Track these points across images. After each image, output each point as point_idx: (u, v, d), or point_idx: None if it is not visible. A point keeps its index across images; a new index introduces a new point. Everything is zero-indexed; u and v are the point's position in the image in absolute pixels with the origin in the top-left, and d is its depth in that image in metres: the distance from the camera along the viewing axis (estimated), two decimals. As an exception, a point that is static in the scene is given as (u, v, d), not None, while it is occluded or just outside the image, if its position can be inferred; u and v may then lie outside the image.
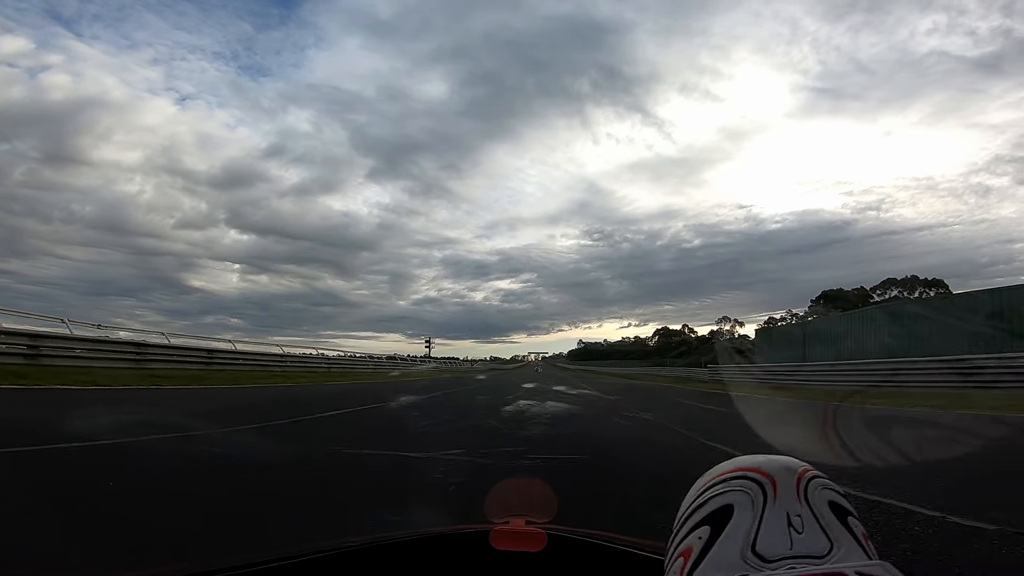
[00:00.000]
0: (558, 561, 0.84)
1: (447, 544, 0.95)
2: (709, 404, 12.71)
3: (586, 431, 7.46)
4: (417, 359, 54.11)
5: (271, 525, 2.73)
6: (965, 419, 8.31)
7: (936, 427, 7.68)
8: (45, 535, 2.34)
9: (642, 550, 0.81)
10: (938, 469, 4.38)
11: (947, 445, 5.96)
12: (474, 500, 1.75)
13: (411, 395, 13.33)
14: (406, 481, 3.86)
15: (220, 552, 2.10)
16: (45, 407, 7.37)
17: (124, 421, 5.94)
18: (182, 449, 4.65)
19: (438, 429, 7.03)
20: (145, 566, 1.28)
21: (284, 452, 4.84)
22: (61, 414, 6.40)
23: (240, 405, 9.29)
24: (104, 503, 2.94)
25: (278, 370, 21.19)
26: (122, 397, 9.24)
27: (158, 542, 2.32)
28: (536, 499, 2.45)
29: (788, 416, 9.85)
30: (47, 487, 3.22)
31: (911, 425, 7.57)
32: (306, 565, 0.83)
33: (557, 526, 0.91)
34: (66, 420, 5.73)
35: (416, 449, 5.11)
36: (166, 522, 2.63)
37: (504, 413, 9.24)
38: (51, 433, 4.77)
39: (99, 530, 2.49)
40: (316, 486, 3.68)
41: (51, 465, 3.77)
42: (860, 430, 7.29)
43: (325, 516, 2.95)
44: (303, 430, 6.68)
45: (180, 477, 3.68)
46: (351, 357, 33.99)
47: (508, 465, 4.31)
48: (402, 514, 2.97)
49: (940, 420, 8.43)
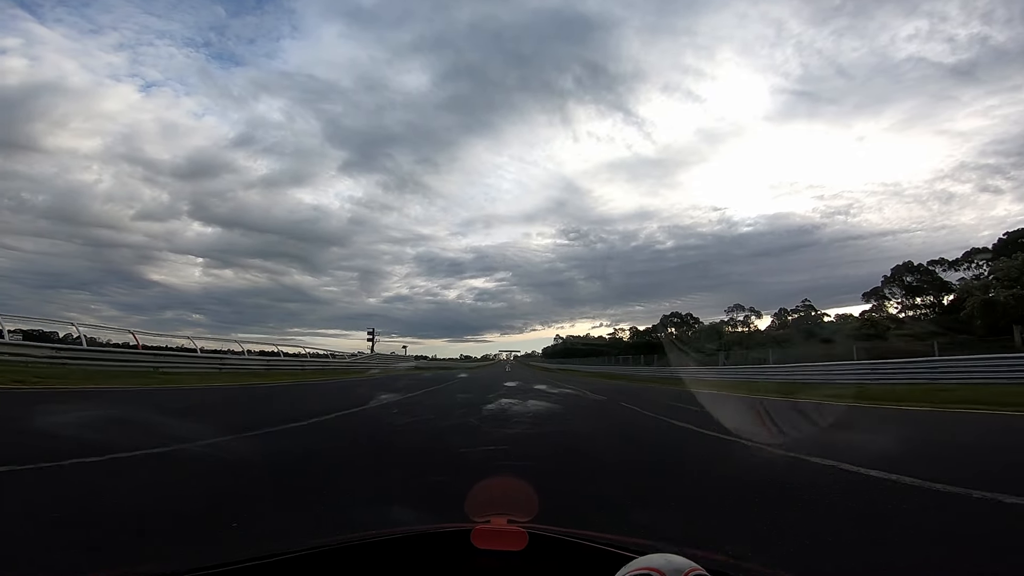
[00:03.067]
0: (540, 560, 0.84)
1: (428, 543, 0.94)
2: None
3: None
4: (357, 356, 38.93)
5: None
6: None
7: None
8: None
9: (624, 549, 0.81)
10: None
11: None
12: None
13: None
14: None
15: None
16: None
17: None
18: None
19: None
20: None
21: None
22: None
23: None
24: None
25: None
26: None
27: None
28: (518, 498, 2.45)
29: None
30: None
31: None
32: (284, 564, 0.82)
33: (539, 525, 0.91)
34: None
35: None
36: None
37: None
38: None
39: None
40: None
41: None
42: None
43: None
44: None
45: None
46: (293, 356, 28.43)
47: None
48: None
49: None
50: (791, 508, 2.95)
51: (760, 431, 6.25)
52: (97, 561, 1.98)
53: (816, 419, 8.05)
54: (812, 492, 3.26)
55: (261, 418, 6.96)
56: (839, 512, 2.91)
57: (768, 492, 3.32)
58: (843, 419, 7.89)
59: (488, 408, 9.26)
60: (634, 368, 38.48)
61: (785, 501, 3.09)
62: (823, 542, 2.41)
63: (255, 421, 6.44)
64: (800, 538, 2.43)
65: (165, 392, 10.60)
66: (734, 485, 3.62)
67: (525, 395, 13.08)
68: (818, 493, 3.24)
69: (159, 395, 9.95)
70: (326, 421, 6.84)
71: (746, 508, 2.97)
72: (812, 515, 2.84)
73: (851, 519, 2.77)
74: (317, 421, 6.71)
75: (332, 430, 6.22)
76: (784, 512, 2.88)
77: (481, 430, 6.35)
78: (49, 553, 2.05)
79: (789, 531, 2.53)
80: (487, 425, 6.78)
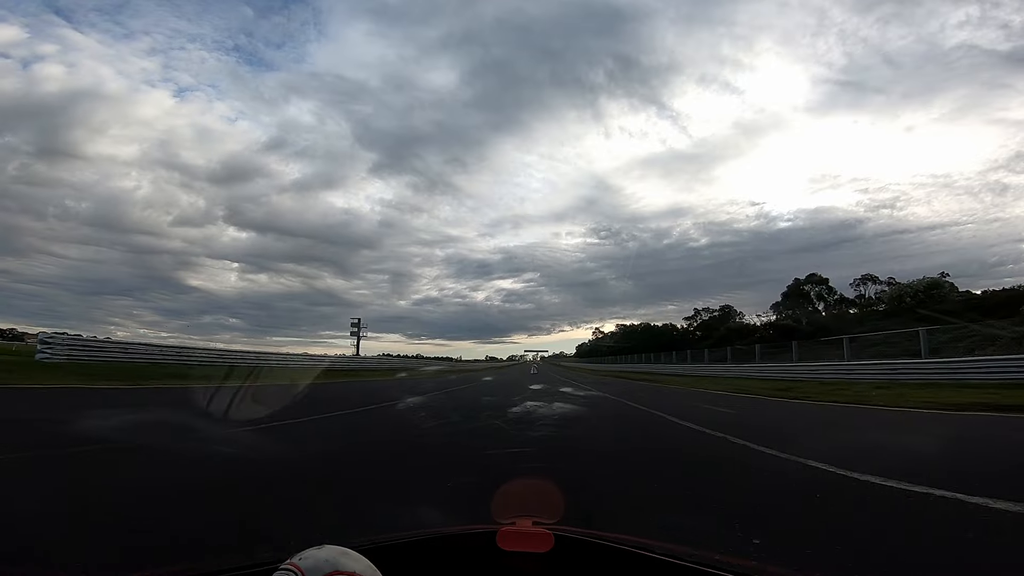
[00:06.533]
0: (565, 562, 0.84)
1: (454, 544, 0.95)
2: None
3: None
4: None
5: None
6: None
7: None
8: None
9: (650, 551, 0.80)
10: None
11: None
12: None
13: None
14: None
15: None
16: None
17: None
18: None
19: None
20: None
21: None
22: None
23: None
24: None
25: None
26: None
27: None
28: (543, 499, 2.44)
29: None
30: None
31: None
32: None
33: (564, 527, 0.91)
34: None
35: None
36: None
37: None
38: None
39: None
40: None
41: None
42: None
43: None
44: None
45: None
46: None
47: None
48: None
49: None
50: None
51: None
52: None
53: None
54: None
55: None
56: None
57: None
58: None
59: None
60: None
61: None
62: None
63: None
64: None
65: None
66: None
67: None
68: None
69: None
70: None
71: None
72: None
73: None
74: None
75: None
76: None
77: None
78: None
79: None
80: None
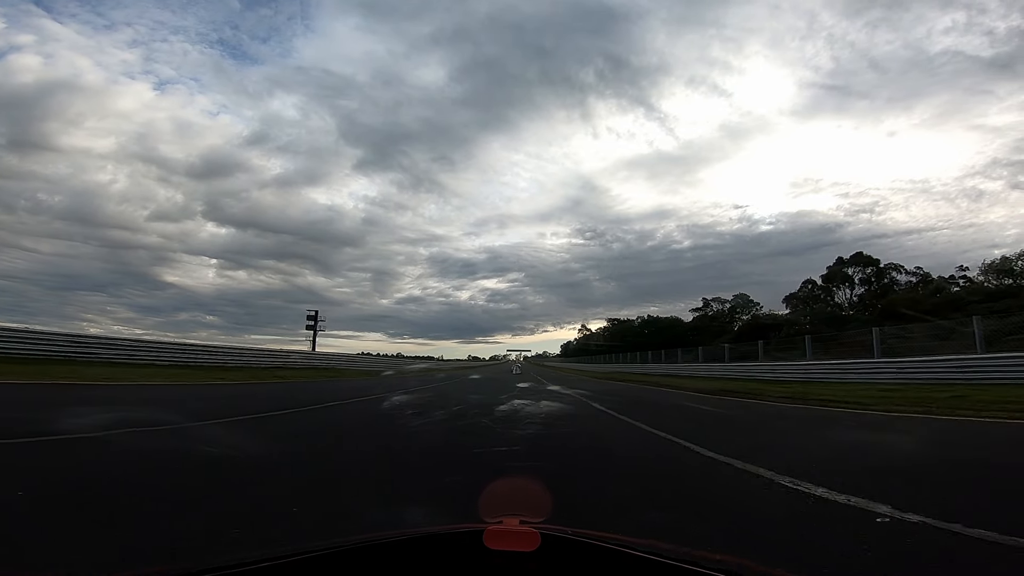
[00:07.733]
0: (552, 561, 0.84)
1: (440, 544, 0.95)
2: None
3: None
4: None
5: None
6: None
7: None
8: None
9: (634, 549, 0.81)
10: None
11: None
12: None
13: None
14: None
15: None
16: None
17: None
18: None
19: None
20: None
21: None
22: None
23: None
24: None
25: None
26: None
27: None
28: (530, 498, 2.45)
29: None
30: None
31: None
32: (298, 565, 0.83)
33: (551, 525, 0.91)
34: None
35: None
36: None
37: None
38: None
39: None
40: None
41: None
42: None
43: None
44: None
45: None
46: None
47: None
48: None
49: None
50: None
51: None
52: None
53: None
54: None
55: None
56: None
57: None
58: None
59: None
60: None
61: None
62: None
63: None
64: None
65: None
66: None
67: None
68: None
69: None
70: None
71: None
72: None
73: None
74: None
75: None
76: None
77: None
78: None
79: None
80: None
